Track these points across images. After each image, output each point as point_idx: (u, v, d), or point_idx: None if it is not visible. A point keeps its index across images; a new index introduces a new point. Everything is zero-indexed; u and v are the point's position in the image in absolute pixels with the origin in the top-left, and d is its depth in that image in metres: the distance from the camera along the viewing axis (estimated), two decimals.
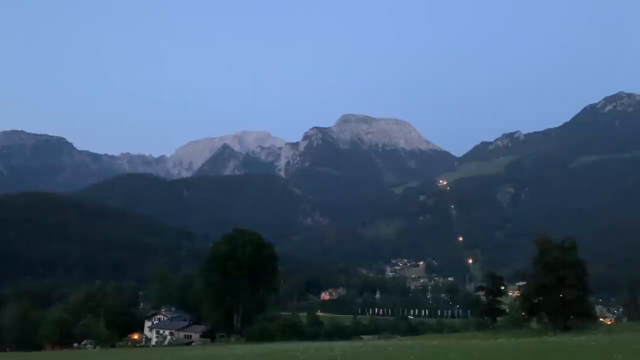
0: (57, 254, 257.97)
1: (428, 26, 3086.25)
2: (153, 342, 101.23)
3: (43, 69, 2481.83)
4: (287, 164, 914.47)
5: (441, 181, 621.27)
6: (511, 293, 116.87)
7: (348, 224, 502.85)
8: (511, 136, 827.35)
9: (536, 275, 58.67)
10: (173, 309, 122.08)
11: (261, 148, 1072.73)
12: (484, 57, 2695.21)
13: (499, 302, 79.16)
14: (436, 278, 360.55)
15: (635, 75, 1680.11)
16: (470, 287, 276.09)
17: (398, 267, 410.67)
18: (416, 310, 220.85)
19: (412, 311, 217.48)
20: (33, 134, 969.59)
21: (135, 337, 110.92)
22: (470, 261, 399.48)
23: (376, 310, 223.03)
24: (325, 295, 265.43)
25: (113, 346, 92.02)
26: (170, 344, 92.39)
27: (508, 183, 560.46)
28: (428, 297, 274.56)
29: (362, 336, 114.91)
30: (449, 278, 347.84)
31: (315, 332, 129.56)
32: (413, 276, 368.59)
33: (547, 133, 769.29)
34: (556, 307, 54.84)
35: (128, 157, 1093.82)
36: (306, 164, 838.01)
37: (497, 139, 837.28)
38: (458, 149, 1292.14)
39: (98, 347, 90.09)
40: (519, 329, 64.94)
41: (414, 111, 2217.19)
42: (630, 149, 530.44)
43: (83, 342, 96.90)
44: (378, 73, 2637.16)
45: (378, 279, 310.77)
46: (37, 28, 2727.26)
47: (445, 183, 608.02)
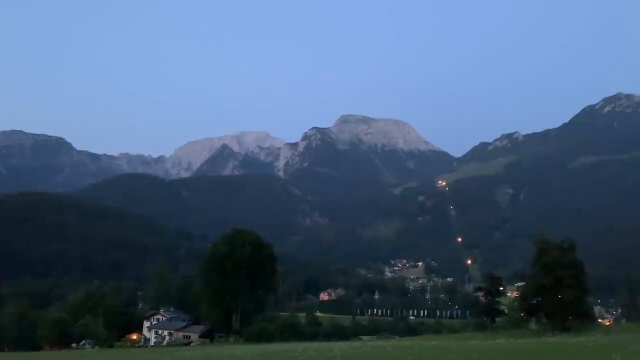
0: (56, 254, 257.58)
1: (427, 27, 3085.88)
2: (152, 343, 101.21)
3: (42, 69, 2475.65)
4: (286, 164, 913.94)
5: (440, 182, 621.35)
6: (510, 294, 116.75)
7: (347, 225, 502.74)
8: (510, 137, 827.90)
9: (535, 275, 58.81)
10: (172, 309, 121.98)
11: (260, 148, 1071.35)
12: (483, 58, 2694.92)
13: (498, 303, 79.32)
14: (435, 278, 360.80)
15: (634, 76, 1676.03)
16: (469, 288, 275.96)
17: (397, 268, 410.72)
18: (415, 310, 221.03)
19: (411, 312, 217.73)
20: (32, 134, 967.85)
21: (133, 338, 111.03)
22: (469, 262, 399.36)
23: (375, 310, 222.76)
24: (324, 295, 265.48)
25: (111, 346, 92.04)
26: (168, 344, 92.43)
27: (507, 184, 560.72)
28: (427, 298, 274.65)
29: (361, 337, 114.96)
30: (448, 278, 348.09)
31: (314, 333, 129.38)
32: (412, 277, 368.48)
33: (546, 134, 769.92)
34: (555, 308, 54.94)
35: (127, 157, 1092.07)
36: (305, 164, 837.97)
37: (496, 140, 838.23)
38: (457, 150, 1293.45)
39: (96, 347, 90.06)
40: (518, 330, 65.03)
41: (413, 112, 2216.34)
42: (628, 150, 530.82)
43: (81, 342, 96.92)
44: (377, 73, 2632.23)
45: (377, 280, 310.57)
46: (36, 28, 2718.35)
47: (444, 183, 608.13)
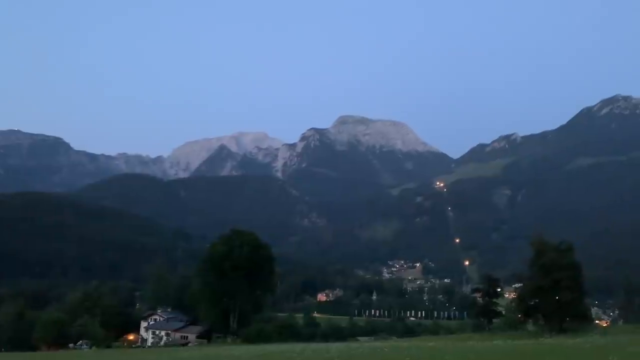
0: (54, 254, 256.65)
1: (425, 28, 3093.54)
2: (149, 343, 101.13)
3: (40, 69, 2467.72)
4: (284, 165, 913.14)
5: (438, 183, 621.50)
6: (507, 295, 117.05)
7: (345, 225, 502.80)
8: (508, 138, 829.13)
9: (532, 277, 58.95)
10: (169, 310, 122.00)
11: (258, 149, 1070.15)
12: (481, 60, 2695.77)
13: (495, 304, 79.60)
14: (433, 280, 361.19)
15: (632, 78, 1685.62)
16: (466, 289, 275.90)
17: (395, 269, 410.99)
18: (413, 311, 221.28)
19: (409, 313, 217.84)
20: (30, 134, 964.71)
21: (131, 338, 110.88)
22: (466, 263, 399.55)
23: (373, 311, 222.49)
24: (322, 296, 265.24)
25: (109, 347, 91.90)
26: (166, 345, 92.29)
27: (505, 185, 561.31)
28: (424, 299, 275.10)
29: (359, 337, 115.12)
30: (446, 280, 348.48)
31: (311, 333, 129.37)
32: (410, 278, 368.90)
33: (544, 135, 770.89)
34: (552, 309, 55.07)
35: (125, 157, 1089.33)
36: (303, 165, 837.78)
37: (494, 141, 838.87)
38: (455, 151, 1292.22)
39: (94, 348, 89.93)
40: (515, 331, 64.99)
41: (411, 113, 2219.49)
42: (626, 152, 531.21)
43: (79, 343, 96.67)
44: (375, 74, 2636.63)
45: (375, 281, 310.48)
46: (34, 28, 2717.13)
47: (442, 185, 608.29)
